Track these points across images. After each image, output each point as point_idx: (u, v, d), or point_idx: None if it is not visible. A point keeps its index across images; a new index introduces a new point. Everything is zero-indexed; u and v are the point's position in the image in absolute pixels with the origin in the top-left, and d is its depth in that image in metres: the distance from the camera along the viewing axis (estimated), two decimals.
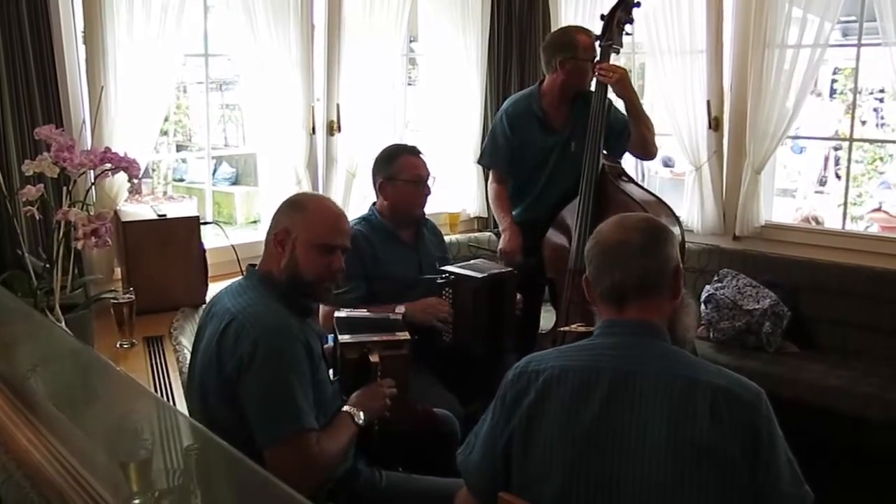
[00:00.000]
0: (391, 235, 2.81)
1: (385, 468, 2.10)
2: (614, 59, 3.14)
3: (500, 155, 3.29)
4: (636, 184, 3.18)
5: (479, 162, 3.52)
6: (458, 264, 2.83)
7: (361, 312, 2.37)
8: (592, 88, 3.10)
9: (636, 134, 3.11)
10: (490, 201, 3.39)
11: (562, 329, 2.88)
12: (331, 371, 2.17)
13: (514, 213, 3.33)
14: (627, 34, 3.15)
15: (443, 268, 2.77)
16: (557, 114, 3.22)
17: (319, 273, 1.93)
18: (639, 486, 1.37)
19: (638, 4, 3.11)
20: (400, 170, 2.77)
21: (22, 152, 2.66)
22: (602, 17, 3.11)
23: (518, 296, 2.84)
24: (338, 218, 1.99)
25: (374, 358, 2.08)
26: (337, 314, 2.32)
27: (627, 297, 1.51)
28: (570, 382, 1.46)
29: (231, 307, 1.87)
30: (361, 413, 1.98)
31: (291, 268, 1.92)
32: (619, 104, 3.19)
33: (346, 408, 1.98)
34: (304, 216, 1.94)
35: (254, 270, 1.98)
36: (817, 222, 4.81)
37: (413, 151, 2.83)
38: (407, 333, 2.21)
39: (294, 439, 1.76)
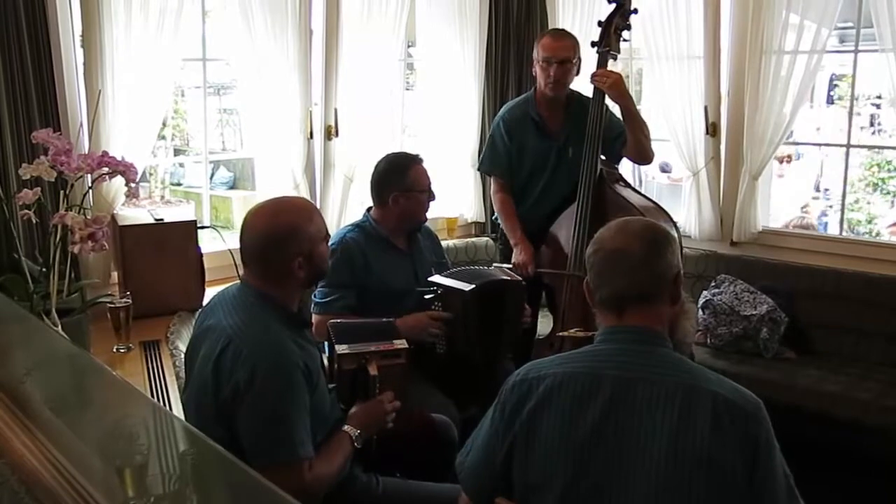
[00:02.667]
0: (386, 243, 2.79)
1: (383, 474, 2.09)
2: (612, 66, 3.14)
3: (501, 161, 3.28)
4: (634, 189, 3.19)
5: (480, 169, 3.51)
6: (454, 270, 2.80)
7: (356, 319, 2.36)
8: (590, 94, 3.10)
9: (632, 139, 3.11)
10: (497, 213, 3.38)
11: (560, 334, 2.88)
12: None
13: None
14: (625, 40, 3.15)
15: (431, 279, 2.72)
16: (553, 118, 3.23)
17: (326, 257, 2.04)
18: (639, 493, 1.37)
19: (635, 11, 3.12)
20: (414, 181, 2.74)
21: (19, 156, 2.66)
22: (599, 23, 3.12)
23: (528, 309, 2.83)
24: (315, 209, 2.04)
25: (372, 370, 2.06)
26: (331, 321, 2.30)
27: (627, 305, 1.50)
28: (572, 389, 1.45)
29: (227, 327, 1.84)
30: (359, 432, 1.97)
31: (314, 271, 1.96)
32: (616, 109, 3.20)
33: (346, 428, 1.97)
34: (305, 231, 1.91)
35: (249, 287, 1.93)
36: (806, 228, 4.81)
37: (419, 160, 2.80)
38: (405, 341, 2.19)
39: (287, 468, 1.76)
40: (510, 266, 3.08)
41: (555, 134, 3.23)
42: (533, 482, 1.47)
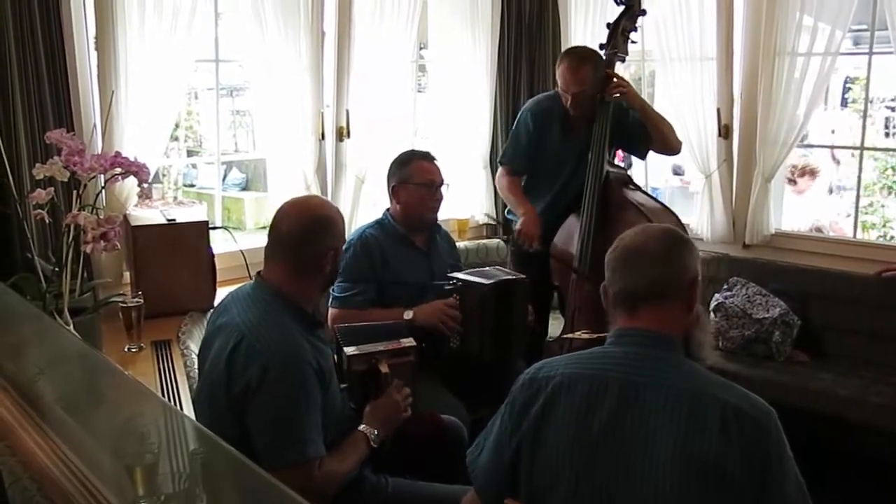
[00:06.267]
0: (404, 240, 2.83)
1: (392, 475, 2.09)
2: (619, 67, 3.13)
3: (521, 152, 3.26)
4: (643, 192, 3.17)
5: (501, 161, 3.46)
6: (469, 270, 2.81)
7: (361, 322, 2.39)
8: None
9: (655, 133, 3.10)
10: (502, 193, 3.34)
11: (567, 336, 2.87)
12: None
13: None
14: (633, 42, 3.14)
15: (451, 274, 2.75)
16: (578, 117, 3.18)
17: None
18: (644, 498, 1.36)
19: (643, 13, 3.11)
20: (412, 174, 2.80)
21: (33, 156, 2.68)
22: (608, 25, 3.11)
23: (530, 307, 2.82)
24: (339, 213, 2.09)
25: (384, 368, 2.07)
26: (337, 326, 2.33)
27: (639, 302, 1.49)
28: (579, 391, 1.45)
29: (240, 323, 1.85)
30: (376, 431, 1.98)
31: (336, 269, 2.04)
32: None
33: (362, 427, 1.98)
34: (339, 227, 2.01)
35: (266, 284, 1.94)
36: (820, 231, 4.77)
37: (426, 157, 2.87)
38: (412, 339, 2.21)
39: (297, 467, 1.77)
40: (517, 230, 3.09)
41: (577, 133, 3.19)
42: (538, 483, 1.46)
